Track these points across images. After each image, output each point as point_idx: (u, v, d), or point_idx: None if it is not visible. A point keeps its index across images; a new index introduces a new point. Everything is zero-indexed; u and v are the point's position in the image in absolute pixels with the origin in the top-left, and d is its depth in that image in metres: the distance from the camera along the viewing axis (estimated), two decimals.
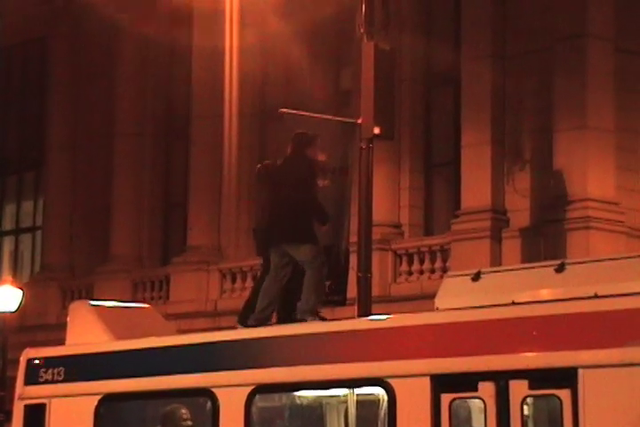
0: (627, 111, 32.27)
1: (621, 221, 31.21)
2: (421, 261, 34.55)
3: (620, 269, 15.41)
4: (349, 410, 16.96)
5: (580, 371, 13.67)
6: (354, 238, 27.03)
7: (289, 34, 35.79)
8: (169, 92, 43.09)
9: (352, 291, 26.28)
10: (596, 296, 14.30)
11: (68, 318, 20.19)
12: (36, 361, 19.47)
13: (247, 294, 34.31)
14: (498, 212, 32.72)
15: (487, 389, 14.40)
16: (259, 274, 21.37)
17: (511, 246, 32.10)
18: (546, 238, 32.33)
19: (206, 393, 17.14)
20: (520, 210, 33.47)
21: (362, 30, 25.23)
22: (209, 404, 17.09)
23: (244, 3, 27.37)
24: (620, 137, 31.39)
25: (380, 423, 15.91)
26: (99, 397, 18.38)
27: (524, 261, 29.84)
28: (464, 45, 36.34)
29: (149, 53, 42.84)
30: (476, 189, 30.94)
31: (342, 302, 24.01)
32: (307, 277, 19.97)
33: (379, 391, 15.50)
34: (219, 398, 16.89)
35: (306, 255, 20.38)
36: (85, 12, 42.46)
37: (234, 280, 37.49)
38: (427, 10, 36.73)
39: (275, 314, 20.52)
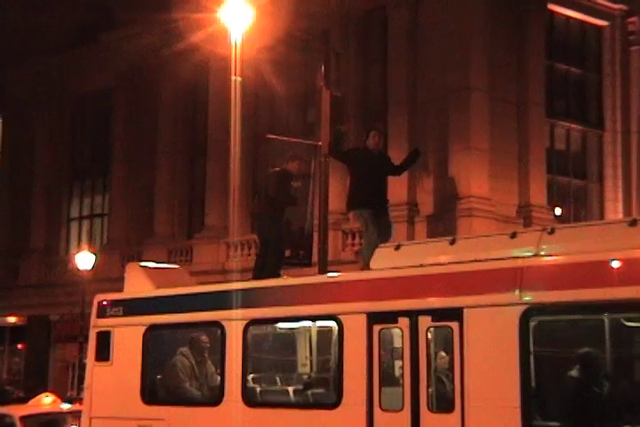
0: (497, 138, 32.18)
1: (493, 211, 31.34)
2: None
3: (490, 243, 15.22)
4: (312, 336, 17.65)
5: (465, 310, 13.90)
6: (316, 222, 27.18)
7: (274, 83, 35.48)
8: (193, 121, 42.70)
9: (315, 257, 26.26)
10: (475, 260, 14.12)
11: (125, 274, 20.09)
12: (104, 302, 19.46)
13: (246, 258, 34.57)
14: (411, 204, 32.86)
15: (404, 322, 14.85)
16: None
17: (420, 228, 32.42)
18: (443, 222, 32.51)
19: (217, 324, 17.17)
20: (426, 203, 33.51)
21: (321, 83, 24.98)
22: (219, 331, 17.18)
23: (244, 58, 26.90)
24: (492, 155, 31.28)
25: (332, 345, 16.21)
26: (145, 326, 18.25)
27: (428, 237, 29.78)
28: (390, 93, 35.99)
29: (180, 95, 42.39)
30: (397, 189, 30.79)
31: (309, 264, 23.90)
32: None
33: (332, 324, 15.68)
34: (226, 327, 16.88)
35: None
36: (140, 67, 41.58)
37: (235, 249, 37.33)
38: (364, 70, 36.28)
39: None
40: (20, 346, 52.05)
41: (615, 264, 13.06)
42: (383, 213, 18.90)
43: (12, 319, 51.45)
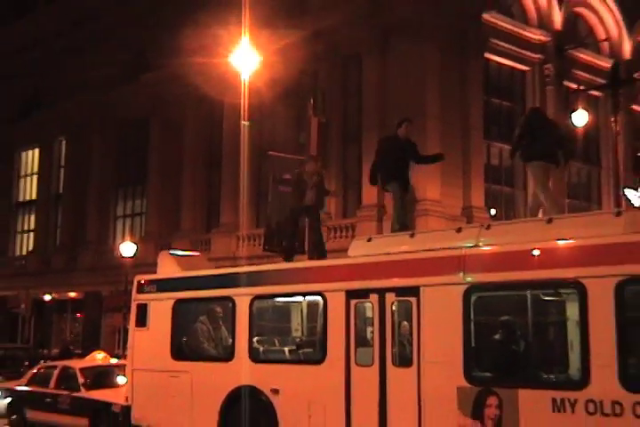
0: (446, 155, 31.91)
1: (443, 212, 31.26)
2: (341, 231, 34.33)
3: (441, 236, 15.30)
4: (303, 308, 17.67)
5: (421, 288, 14.10)
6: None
7: (274, 113, 35.39)
8: (211, 142, 42.68)
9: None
10: (429, 250, 14.17)
11: (158, 260, 20.02)
12: (142, 282, 19.45)
13: (252, 248, 34.42)
14: (380, 206, 32.58)
15: (374, 297, 14.94)
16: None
17: (387, 224, 31.88)
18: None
19: (229, 299, 17.27)
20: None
21: (311, 112, 24.89)
22: (230, 304, 17.33)
23: (251, 94, 26.84)
24: (442, 168, 31.14)
25: (318, 315, 16.20)
26: (174, 300, 18.32)
27: (393, 232, 29.57)
28: (364, 120, 35.86)
29: (200, 121, 42.37)
30: (369, 194, 30.69)
31: (302, 252, 23.81)
32: None
33: (318, 298, 15.87)
34: (236, 301, 16.92)
35: None
36: (169, 100, 41.47)
37: (244, 241, 37.31)
38: (344, 102, 36.18)
39: None
40: (78, 315, 52.00)
41: (535, 252, 13.19)
42: (406, 190, 18.51)
43: (72, 294, 51.46)
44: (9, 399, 24.26)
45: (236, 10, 28.74)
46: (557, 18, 39.61)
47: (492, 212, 35.06)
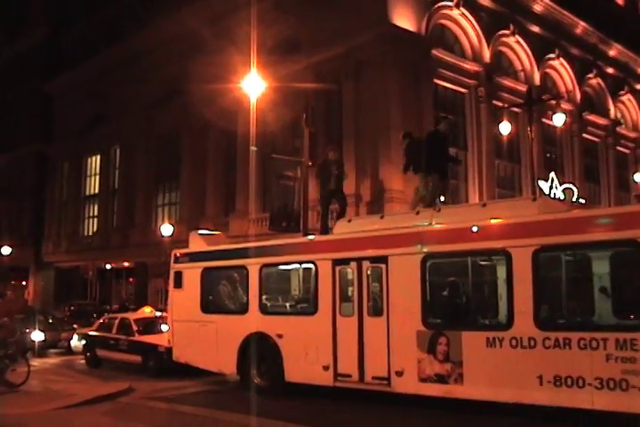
0: None
1: (405, 199, 30.87)
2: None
3: (404, 217, 15.50)
4: (300, 273, 17.40)
5: (389, 257, 14.16)
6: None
7: (276, 124, 35.26)
8: (228, 147, 42.50)
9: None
10: (395, 228, 14.21)
11: (189, 238, 19.95)
12: (178, 254, 19.40)
13: (260, 228, 34.30)
14: (357, 194, 32.55)
15: (353, 264, 14.99)
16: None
17: (362, 209, 32.14)
18: (376, 206, 32.17)
19: (244, 267, 17.25)
20: (366, 194, 33.28)
21: (305, 123, 24.76)
22: (245, 271, 17.26)
23: (258, 111, 26.77)
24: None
25: (311, 279, 16.17)
26: (201, 268, 18.38)
27: (367, 215, 29.55)
28: (344, 130, 35.72)
29: (220, 132, 42.28)
30: (349, 184, 30.48)
31: (298, 231, 23.70)
32: None
33: (311, 266, 15.92)
34: (249, 269, 16.96)
35: None
36: (196, 116, 41.28)
37: (254, 223, 37.10)
38: (329, 116, 36.07)
39: None
40: (130, 280, 52.00)
41: (474, 229, 13.26)
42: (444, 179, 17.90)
43: (126, 264, 51.48)
44: (84, 341, 24.63)
45: (247, 47, 28.58)
46: (487, 53, 39.58)
47: (442, 199, 34.96)
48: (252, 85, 26.64)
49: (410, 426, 12.90)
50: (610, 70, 49.99)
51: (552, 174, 39.16)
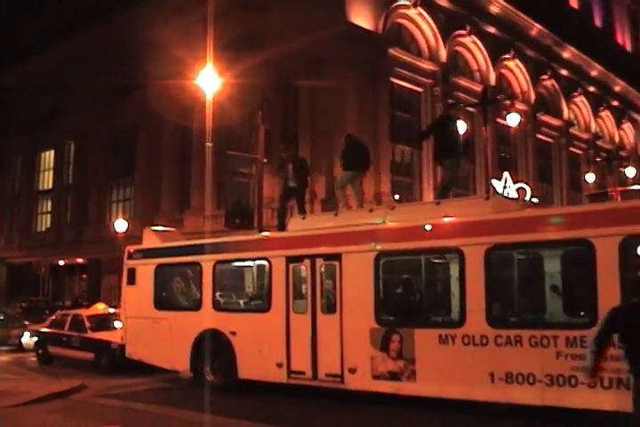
0: None
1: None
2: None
3: (357, 215, 15.71)
4: (254, 270, 17.35)
5: (343, 254, 14.01)
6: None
7: (233, 120, 35.03)
8: (183, 143, 42.25)
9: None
10: (349, 225, 14.20)
11: (143, 234, 19.78)
12: (131, 251, 19.21)
13: (214, 225, 34.11)
14: (312, 192, 32.40)
15: (307, 261, 14.94)
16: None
17: (317, 206, 32.19)
18: (330, 203, 31.97)
19: (197, 264, 17.10)
20: (320, 192, 33.39)
21: (259, 121, 24.68)
22: (198, 268, 17.11)
23: (214, 107, 26.57)
24: None
25: (265, 275, 16.09)
26: (155, 265, 18.23)
27: (322, 212, 29.51)
28: (299, 128, 35.77)
29: (175, 127, 42.00)
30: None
31: (252, 227, 23.60)
32: None
33: (265, 262, 15.72)
34: (202, 265, 16.86)
35: None
36: (153, 111, 40.89)
37: (208, 220, 36.82)
38: (285, 114, 36.06)
39: None
40: (84, 276, 51.62)
41: (427, 227, 13.29)
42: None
43: (79, 260, 51.07)
44: (36, 338, 24.52)
45: (204, 43, 28.37)
46: (443, 53, 39.86)
47: (396, 197, 35.12)
48: (208, 81, 26.48)
49: (361, 423, 12.90)
50: (564, 72, 50.58)
51: (506, 174, 39.53)
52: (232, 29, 37.67)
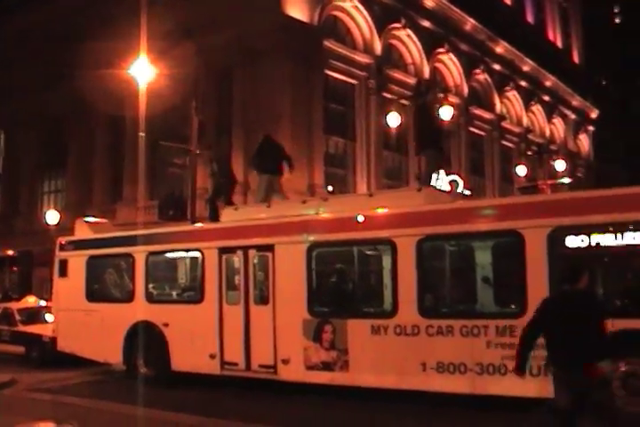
0: (296, 146, 32.00)
1: (292, 188, 30.71)
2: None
3: (290, 206, 15.62)
4: (187, 262, 17.23)
5: (276, 245, 13.90)
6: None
7: (167, 111, 34.53)
8: (117, 134, 41.63)
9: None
10: (282, 217, 14.34)
11: (75, 226, 19.52)
12: (63, 242, 18.94)
13: (147, 216, 33.73)
14: (246, 183, 31.97)
15: (240, 252, 14.80)
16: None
17: (250, 198, 31.47)
18: None
19: (130, 255, 17.07)
20: (254, 182, 32.77)
21: (194, 111, 24.51)
22: (131, 259, 17.06)
23: (148, 96, 26.28)
24: (292, 155, 31.04)
25: (198, 267, 16.05)
26: (87, 256, 17.92)
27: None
28: (233, 118, 35.57)
29: (107, 117, 41.37)
30: (237, 173, 30.08)
31: (185, 219, 23.42)
32: None
33: (198, 254, 15.66)
34: (135, 257, 16.79)
35: None
36: (83, 101, 40.10)
37: (141, 211, 36.29)
38: (218, 104, 35.79)
39: None
40: (15, 268, 50.75)
41: (360, 218, 13.35)
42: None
43: (10, 252, 50.11)
44: None
45: (136, 30, 27.93)
46: (378, 46, 39.98)
47: (330, 188, 35.16)
48: (141, 71, 26.18)
49: (295, 413, 12.92)
50: (496, 67, 51.20)
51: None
52: (166, 19, 37.23)
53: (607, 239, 11.18)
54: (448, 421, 11.77)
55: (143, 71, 26.18)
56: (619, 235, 11.09)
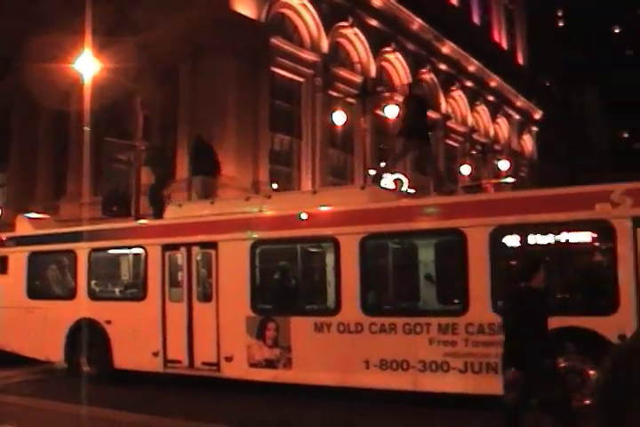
0: (241, 142, 31.97)
1: (237, 185, 30.79)
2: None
3: (234, 203, 15.43)
4: (129, 258, 17.10)
5: (219, 243, 13.90)
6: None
7: (112, 106, 34.18)
8: (59, 128, 41.07)
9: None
10: (225, 213, 14.34)
11: (16, 221, 19.24)
12: (3, 238, 18.60)
13: (91, 212, 33.33)
14: (190, 180, 31.69)
15: (183, 249, 14.81)
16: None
17: (195, 195, 31.27)
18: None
19: (72, 251, 16.87)
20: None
21: (139, 106, 24.38)
22: (73, 255, 16.84)
23: (93, 91, 25.96)
24: (237, 152, 31.09)
25: (141, 263, 16.01)
26: (28, 252, 17.63)
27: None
28: (179, 114, 35.34)
29: (52, 113, 40.79)
30: (180, 170, 30.04)
31: (129, 215, 23.21)
32: None
33: (141, 250, 15.72)
34: (77, 253, 16.55)
35: None
36: (29, 93, 39.44)
37: (85, 207, 35.83)
38: (164, 99, 35.48)
39: None
40: None
41: (303, 216, 13.36)
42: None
43: None
44: None
45: (81, 24, 27.57)
46: (325, 44, 40.01)
47: (274, 185, 35.14)
48: (86, 66, 25.90)
49: (238, 411, 12.90)
50: (442, 67, 51.62)
51: (383, 165, 40.04)
52: (112, 13, 36.90)
53: (547, 238, 11.37)
54: (395, 418, 11.82)
55: (88, 66, 25.91)
56: (559, 234, 11.28)
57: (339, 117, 32.32)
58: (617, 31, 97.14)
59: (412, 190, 37.13)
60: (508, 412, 8.36)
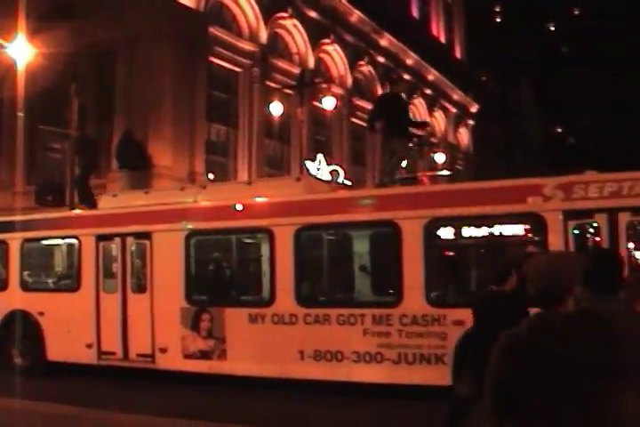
0: (178, 132, 31.70)
1: (173, 175, 30.43)
2: (96, 189, 33.21)
3: (169, 193, 15.48)
4: (63, 249, 17.11)
5: (153, 233, 13.81)
6: None
7: (48, 93, 33.58)
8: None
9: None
10: (160, 204, 14.31)
11: None
12: None
13: (25, 201, 32.77)
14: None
15: (117, 240, 15.21)
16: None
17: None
18: (145, 180, 31.37)
19: (3, 242, 16.75)
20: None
21: (74, 93, 23.96)
22: (4, 246, 16.70)
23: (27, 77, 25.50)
24: (174, 142, 30.79)
25: (74, 254, 15.99)
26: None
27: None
28: (117, 102, 34.92)
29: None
30: None
31: (64, 204, 22.92)
32: None
33: (75, 241, 15.75)
34: (9, 243, 16.62)
35: None
36: None
37: (18, 195, 35.16)
38: (100, 85, 35.01)
39: None
40: None
41: (238, 207, 13.38)
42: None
43: None
44: None
45: (14, 9, 27.01)
46: (263, 35, 39.85)
47: (210, 176, 34.97)
48: (19, 51, 25.45)
49: (174, 402, 12.86)
50: (380, 59, 51.82)
51: (320, 156, 40.14)
52: None
53: (481, 231, 11.56)
54: (351, 409, 11.70)
55: (21, 51, 25.46)
56: (492, 227, 11.47)
57: (276, 108, 32.29)
58: (553, 29, 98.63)
59: (348, 182, 37.46)
60: (459, 402, 8.31)
